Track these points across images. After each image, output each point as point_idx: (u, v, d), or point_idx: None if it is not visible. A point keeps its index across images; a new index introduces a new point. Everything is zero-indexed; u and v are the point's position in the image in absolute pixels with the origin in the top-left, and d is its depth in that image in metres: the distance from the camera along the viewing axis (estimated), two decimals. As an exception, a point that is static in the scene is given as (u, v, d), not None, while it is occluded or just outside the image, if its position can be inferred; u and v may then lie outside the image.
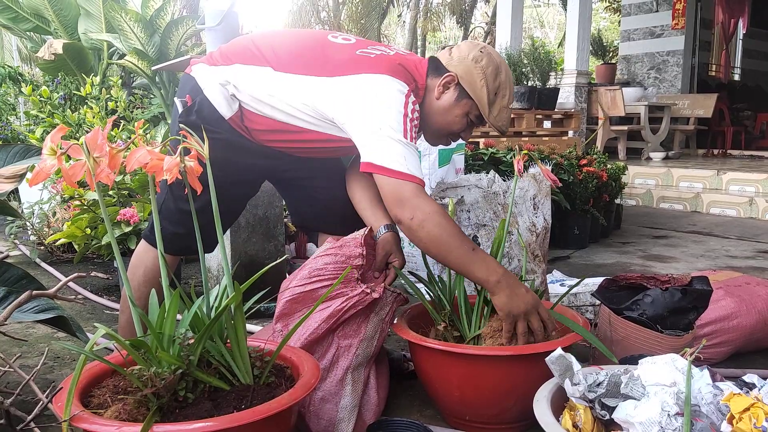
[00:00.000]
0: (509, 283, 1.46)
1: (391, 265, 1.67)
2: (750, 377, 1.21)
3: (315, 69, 1.56)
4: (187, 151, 1.21)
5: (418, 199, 1.43)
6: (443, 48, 1.69)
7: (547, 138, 5.39)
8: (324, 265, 1.55)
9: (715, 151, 8.20)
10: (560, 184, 2.10)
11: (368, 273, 1.63)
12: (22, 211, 3.54)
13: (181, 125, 1.30)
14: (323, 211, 1.85)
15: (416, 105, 1.53)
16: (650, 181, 6.24)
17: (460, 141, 2.95)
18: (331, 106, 1.54)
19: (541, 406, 1.24)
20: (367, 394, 1.61)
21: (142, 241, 1.78)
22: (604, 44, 10.87)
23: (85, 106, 4.03)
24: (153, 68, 2.82)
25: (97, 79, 4.42)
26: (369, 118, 1.49)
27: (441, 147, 2.79)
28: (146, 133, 3.48)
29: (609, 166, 4.11)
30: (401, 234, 1.60)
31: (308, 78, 1.55)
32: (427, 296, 1.77)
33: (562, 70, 6.73)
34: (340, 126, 1.55)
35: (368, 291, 1.52)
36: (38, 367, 1.29)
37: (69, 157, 1.13)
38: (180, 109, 1.64)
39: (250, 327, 2.16)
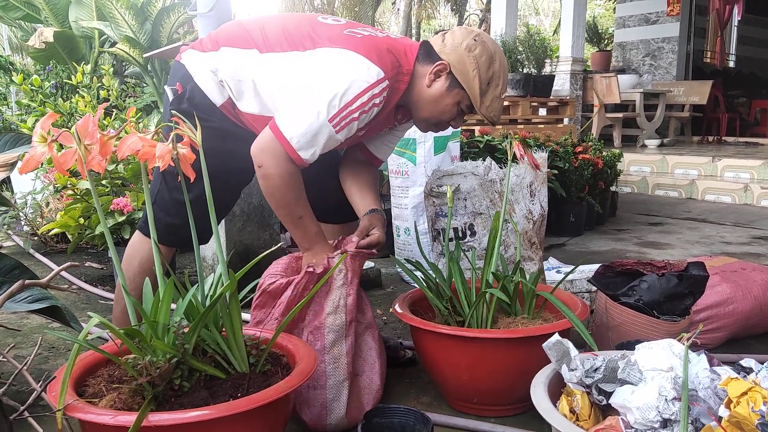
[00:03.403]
0: (314, 252, 1.59)
1: (371, 233, 1.65)
2: (747, 362, 1.21)
3: (299, 45, 1.54)
4: (179, 138, 1.20)
5: (273, 159, 1.47)
6: (437, 33, 1.66)
7: (542, 125, 5.37)
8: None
9: (710, 138, 8.20)
10: (540, 168, 2.09)
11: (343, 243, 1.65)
12: (15, 201, 3.51)
13: (174, 112, 1.28)
14: (315, 200, 1.83)
15: (376, 99, 1.48)
16: (645, 168, 6.24)
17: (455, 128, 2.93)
18: (306, 75, 1.51)
19: (538, 391, 1.24)
20: (366, 376, 1.61)
21: (137, 232, 1.76)
22: (600, 31, 10.82)
23: (76, 95, 3.99)
24: (145, 56, 2.80)
25: (89, 68, 4.38)
26: (315, 82, 1.47)
27: (437, 134, 2.78)
28: (139, 122, 3.45)
29: (604, 153, 4.10)
30: (398, 222, 1.59)
31: (292, 53, 1.53)
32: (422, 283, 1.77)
33: (557, 57, 6.70)
34: None
35: (310, 270, 1.53)
36: (31, 357, 1.28)
37: (61, 147, 1.11)
38: (171, 97, 1.62)
39: (245, 316, 2.15)
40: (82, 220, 2.70)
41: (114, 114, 3.55)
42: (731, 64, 10.30)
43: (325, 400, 1.52)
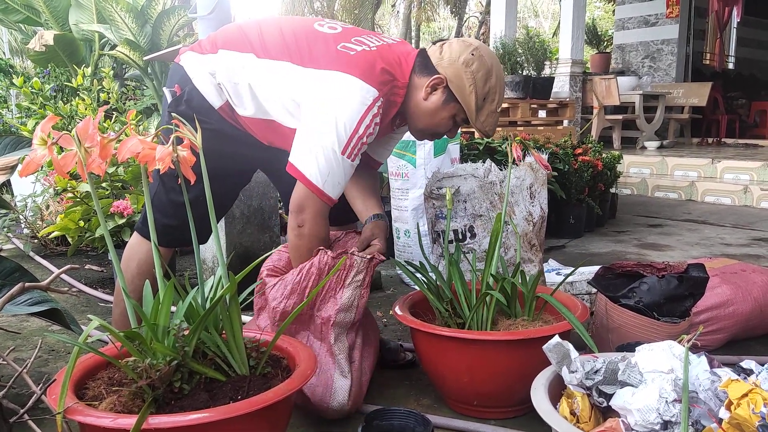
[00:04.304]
0: None
1: (372, 244, 1.66)
2: (747, 363, 1.21)
3: (295, 57, 1.54)
4: (179, 141, 1.20)
5: (317, 219, 1.52)
6: (435, 42, 1.65)
7: (542, 127, 5.38)
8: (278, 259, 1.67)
9: (710, 140, 8.20)
10: (551, 170, 2.10)
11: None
12: (15, 204, 3.51)
13: (174, 115, 1.28)
14: None
15: (377, 117, 1.49)
16: (645, 170, 6.24)
17: (455, 130, 2.93)
18: (299, 93, 1.52)
19: (539, 393, 1.24)
20: (357, 363, 1.63)
21: (135, 234, 1.76)
22: (599, 33, 10.83)
23: (76, 98, 3.99)
24: (145, 58, 2.80)
25: (89, 71, 4.38)
26: (317, 120, 1.47)
27: (436, 136, 2.78)
28: (139, 125, 3.45)
29: (604, 155, 4.11)
30: (398, 224, 1.59)
31: (286, 64, 1.54)
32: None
33: (556, 59, 6.71)
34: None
35: (327, 255, 1.53)
36: (31, 360, 1.28)
37: (61, 149, 1.11)
38: (169, 99, 1.62)
39: (245, 318, 2.16)
40: (82, 223, 2.70)
41: (114, 117, 3.55)
42: (731, 66, 10.30)
43: (331, 389, 1.54)
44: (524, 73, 5.54)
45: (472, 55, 1.55)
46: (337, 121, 1.45)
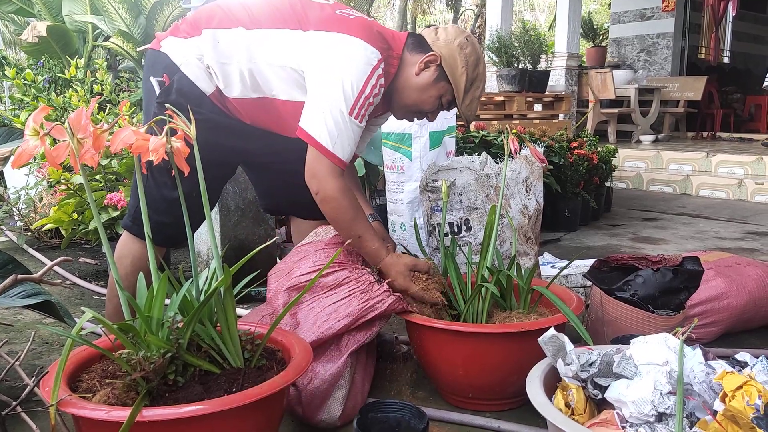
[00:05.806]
0: (386, 266, 1.62)
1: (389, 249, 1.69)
2: (742, 356, 1.21)
3: (291, 23, 1.54)
4: (173, 132, 1.19)
5: (327, 179, 1.51)
6: (429, 26, 1.69)
7: (537, 121, 5.37)
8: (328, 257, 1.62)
9: (705, 134, 8.22)
10: (547, 162, 2.10)
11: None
12: (8, 197, 3.49)
13: (168, 106, 1.26)
14: (297, 196, 1.80)
15: (381, 78, 1.52)
16: (640, 163, 6.25)
17: (451, 123, 2.92)
18: (303, 58, 1.52)
19: (534, 385, 1.24)
20: (359, 375, 1.61)
21: (125, 232, 1.72)
22: (595, 27, 10.80)
23: (70, 90, 3.96)
24: (138, 50, 2.78)
25: (82, 62, 4.34)
26: (324, 82, 1.49)
27: (432, 129, 2.77)
28: (132, 117, 3.43)
29: (599, 148, 4.11)
30: (393, 217, 1.58)
31: (283, 31, 1.53)
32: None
33: (552, 52, 6.70)
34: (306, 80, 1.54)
35: (388, 291, 1.56)
36: (24, 352, 1.27)
37: (54, 141, 1.10)
38: (157, 90, 1.57)
39: (239, 311, 2.15)
40: (75, 215, 2.69)
41: (108, 108, 3.53)
42: (726, 60, 10.31)
43: (329, 398, 1.53)
44: (520, 67, 5.53)
45: (467, 40, 1.63)
46: (344, 82, 1.47)
